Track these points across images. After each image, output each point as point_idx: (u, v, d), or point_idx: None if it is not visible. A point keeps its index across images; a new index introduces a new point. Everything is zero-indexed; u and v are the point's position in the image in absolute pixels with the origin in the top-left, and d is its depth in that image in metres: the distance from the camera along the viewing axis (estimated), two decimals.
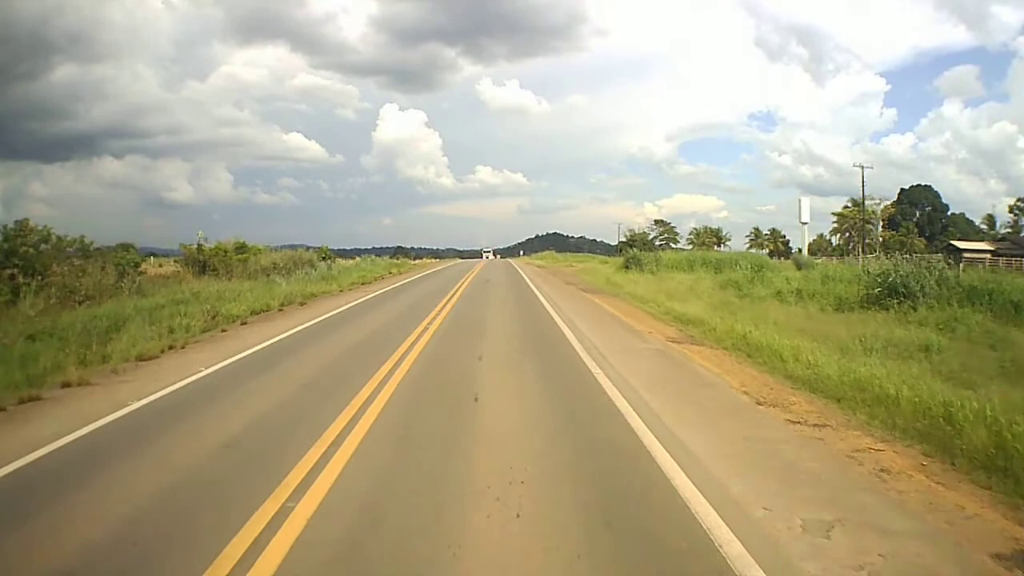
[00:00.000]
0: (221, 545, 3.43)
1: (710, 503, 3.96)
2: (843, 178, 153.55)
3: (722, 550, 3.41)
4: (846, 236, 66.53)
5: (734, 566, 3.25)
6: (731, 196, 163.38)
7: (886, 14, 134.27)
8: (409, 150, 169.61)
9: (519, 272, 37.06)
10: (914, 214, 70.20)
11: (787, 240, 72.86)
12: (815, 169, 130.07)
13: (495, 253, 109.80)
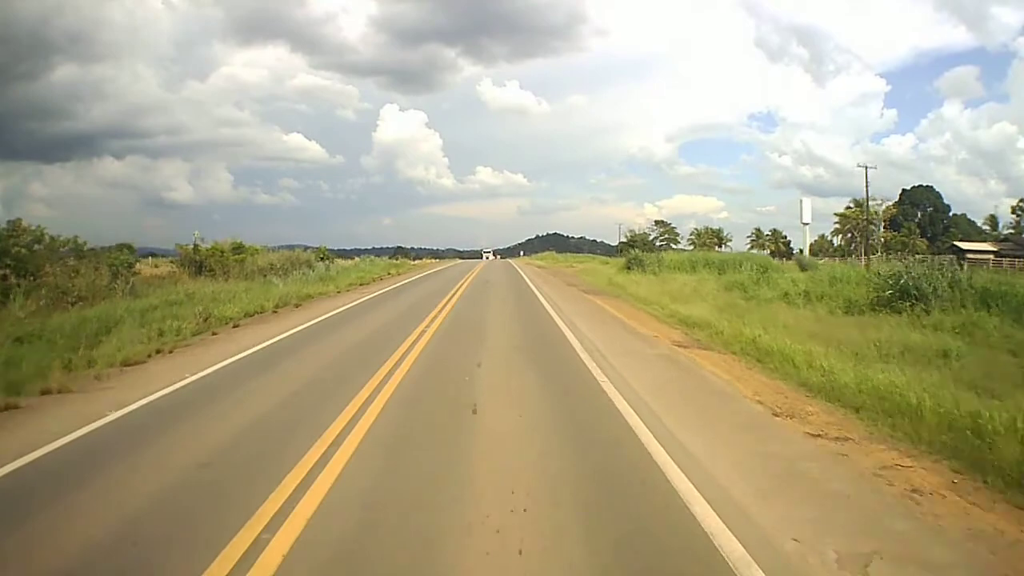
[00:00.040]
0: None
1: (736, 536, 3.57)
2: (843, 179, 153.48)
3: None
4: (848, 237, 66.21)
5: None
6: (731, 197, 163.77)
7: (886, 15, 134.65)
8: (409, 150, 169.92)
9: (519, 273, 36.72)
10: (916, 215, 69.97)
11: (788, 241, 72.73)
12: (815, 170, 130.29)
13: (495, 253, 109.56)
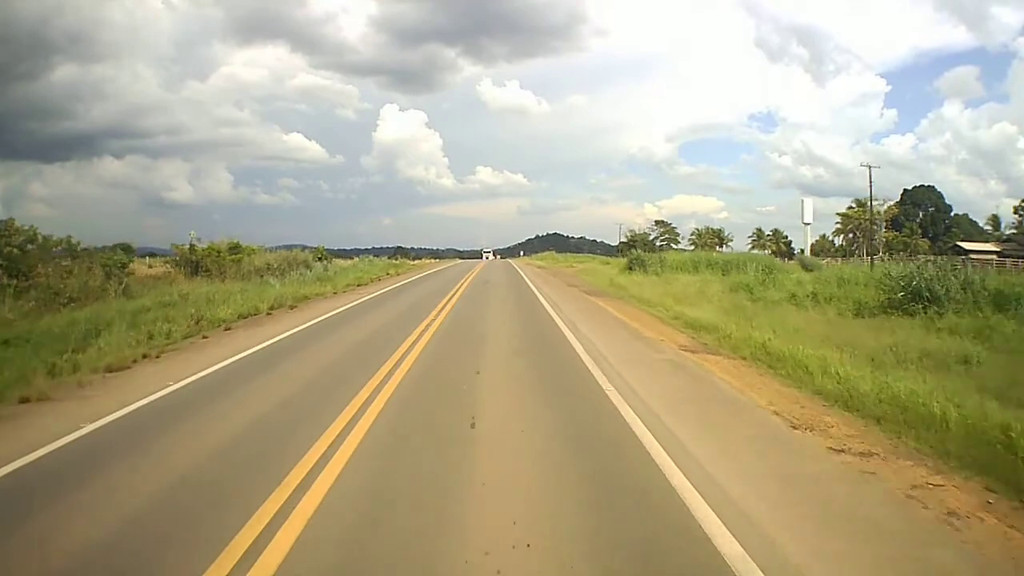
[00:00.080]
0: None
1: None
2: (843, 179, 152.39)
3: None
4: (850, 237, 65.90)
5: None
6: (731, 197, 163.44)
7: (886, 15, 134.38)
8: (409, 150, 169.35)
9: (519, 273, 36.35)
10: (917, 215, 69.68)
11: (789, 241, 72.48)
12: (815, 170, 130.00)
13: (495, 253, 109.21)
